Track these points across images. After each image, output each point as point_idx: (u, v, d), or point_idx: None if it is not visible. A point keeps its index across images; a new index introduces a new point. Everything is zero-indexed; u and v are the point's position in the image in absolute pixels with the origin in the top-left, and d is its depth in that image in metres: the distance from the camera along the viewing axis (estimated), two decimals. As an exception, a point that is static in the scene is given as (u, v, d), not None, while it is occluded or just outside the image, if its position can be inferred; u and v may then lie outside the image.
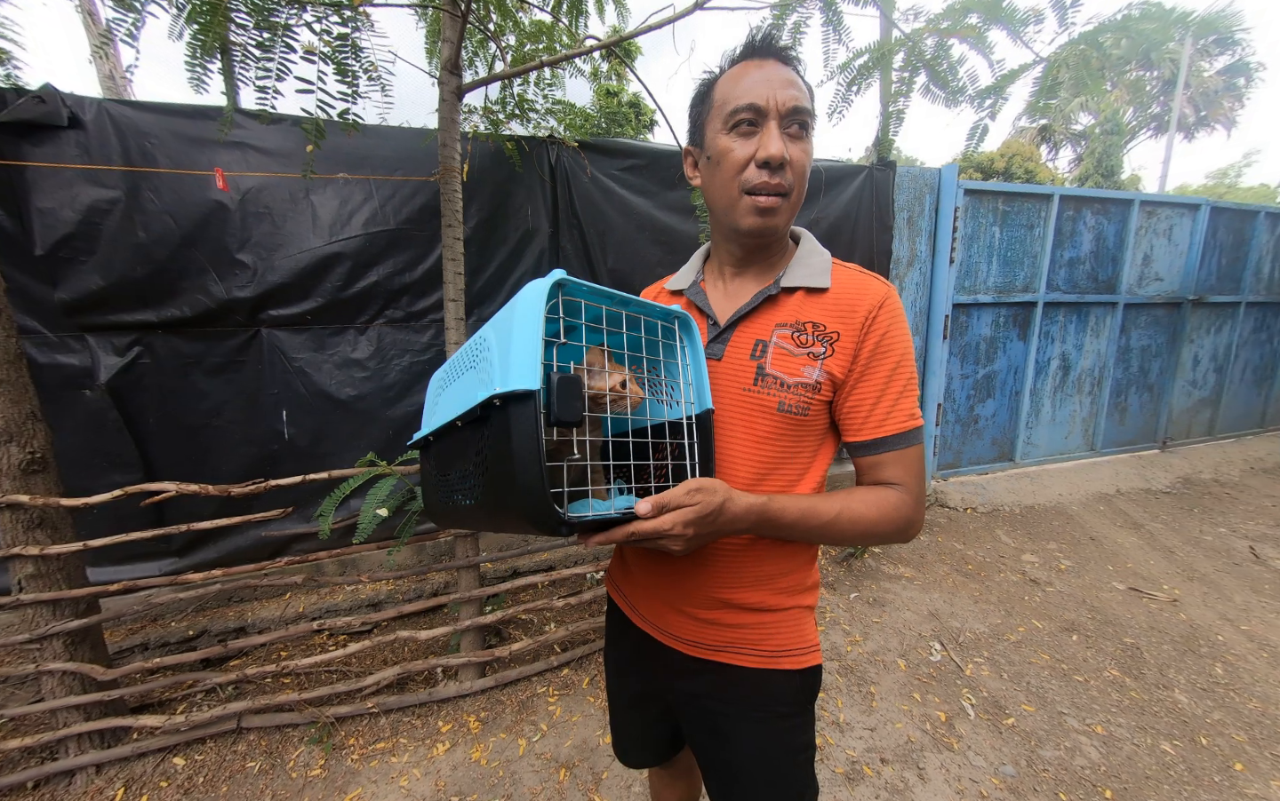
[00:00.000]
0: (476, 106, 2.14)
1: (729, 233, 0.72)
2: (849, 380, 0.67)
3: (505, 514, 0.57)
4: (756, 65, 0.65)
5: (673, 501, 0.55)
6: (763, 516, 0.62)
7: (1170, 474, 4.10)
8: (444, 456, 0.72)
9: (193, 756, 1.70)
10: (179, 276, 2.05)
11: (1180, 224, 4.00)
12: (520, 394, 0.51)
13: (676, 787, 1.06)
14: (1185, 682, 1.95)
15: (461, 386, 0.64)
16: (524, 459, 0.50)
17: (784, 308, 0.70)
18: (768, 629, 0.72)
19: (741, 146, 0.64)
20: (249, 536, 2.25)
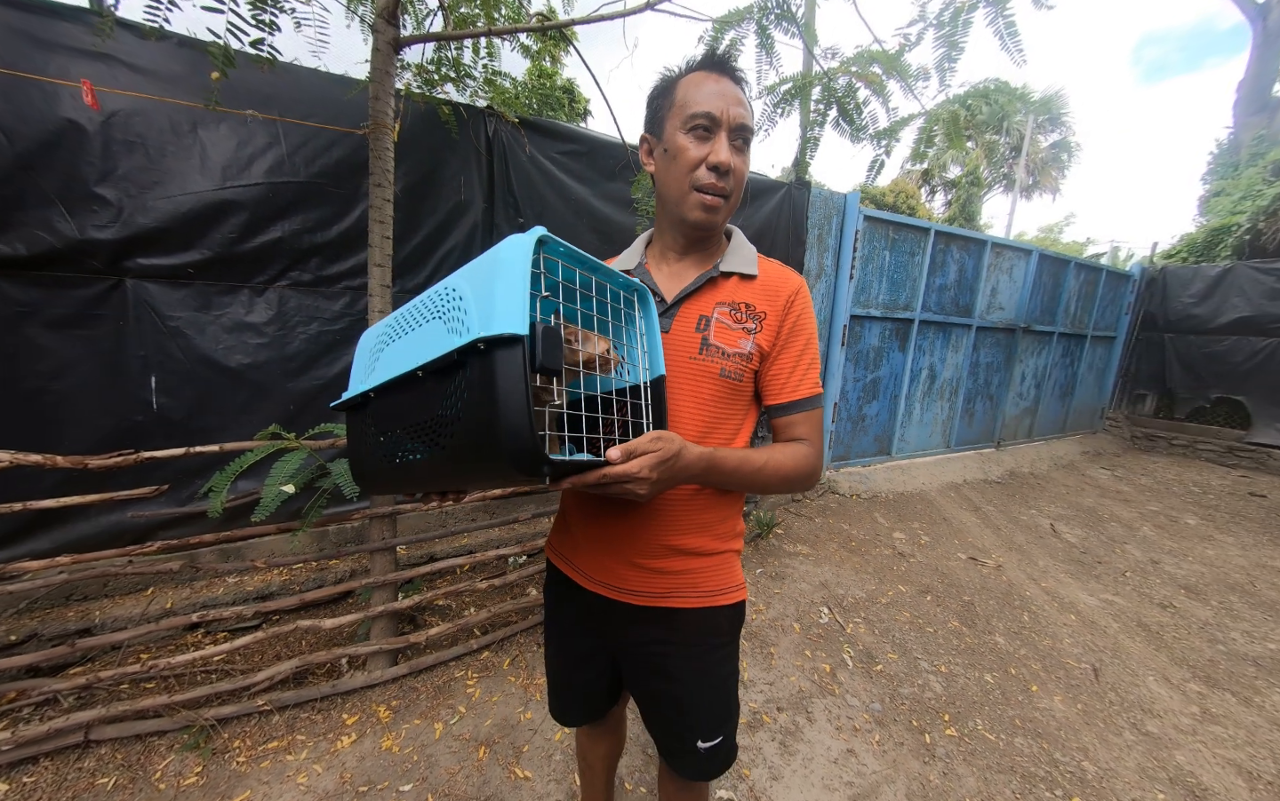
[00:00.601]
0: (410, 63, 2.02)
1: (676, 221, 0.82)
2: (772, 352, 0.81)
3: (479, 460, 0.57)
4: (715, 78, 0.75)
5: (639, 448, 0.62)
6: (710, 463, 0.71)
7: (1001, 468, 5.05)
8: (391, 412, 0.70)
9: (20, 779, 1.43)
10: (11, 206, 1.67)
11: (1018, 265, 4.94)
12: (507, 338, 0.52)
13: (604, 743, 1.14)
14: (1003, 628, 2.46)
15: (419, 338, 0.64)
16: (511, 402, 0.52)
17: (722, 289, 0.82)
18: (707, 572, 0.83)
19: (696, 148, 0.75)
20: (98, 522, 1.91)
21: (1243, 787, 1.63)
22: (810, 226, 3.62)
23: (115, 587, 1.94)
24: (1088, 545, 3.49)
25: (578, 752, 1.19)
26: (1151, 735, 1.83)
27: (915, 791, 1.56)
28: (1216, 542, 3.61)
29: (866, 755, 1.68)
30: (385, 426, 0.71)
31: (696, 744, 0.86)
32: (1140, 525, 3.89)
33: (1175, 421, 6.32)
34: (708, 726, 0.86)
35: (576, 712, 1.03)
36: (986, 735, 1.79)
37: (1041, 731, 1.82)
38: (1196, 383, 6.10)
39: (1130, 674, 2.16)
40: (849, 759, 1.67)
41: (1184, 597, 2.83)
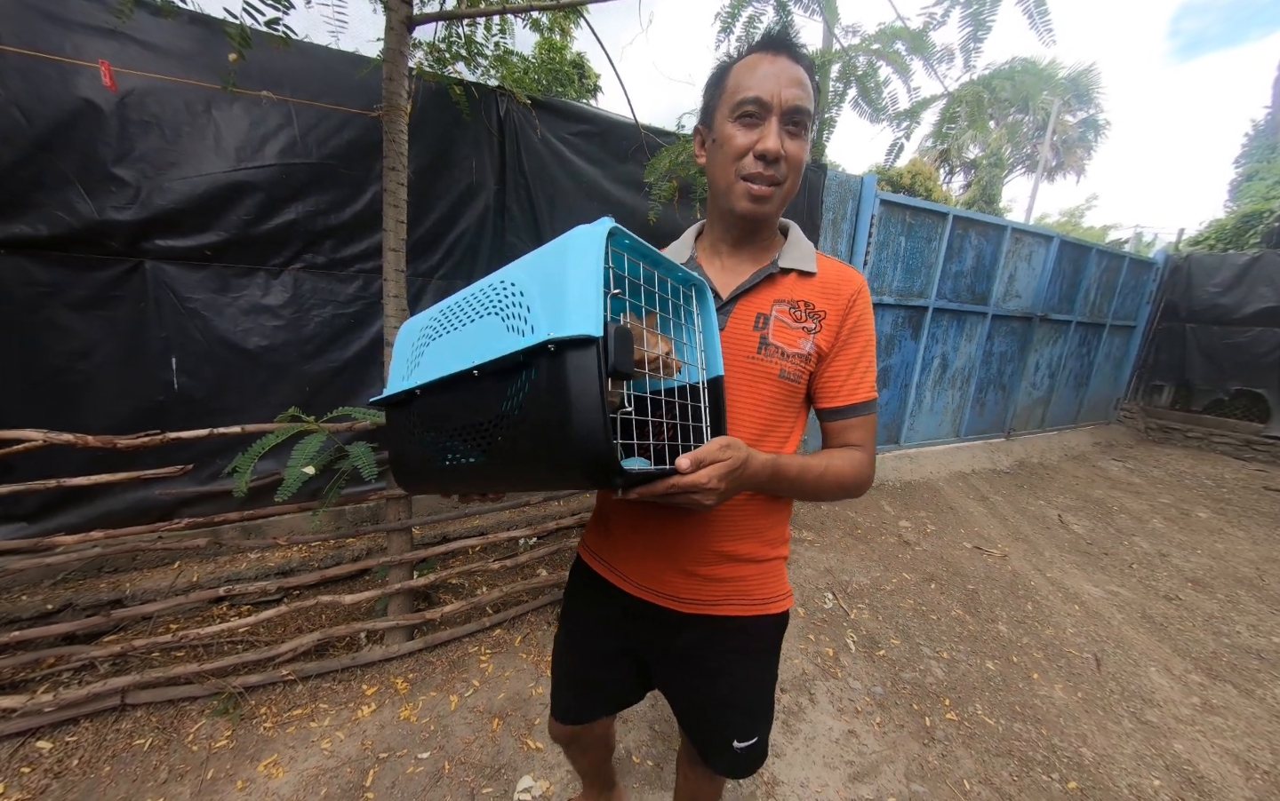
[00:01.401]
0: (421, 42, 1.99)
1: (725, 214, 0.79)
2: (830, 353, 0.78)
3: (543, 466, 0.54)
4: (770, 59, 0.70)
5: (707, 457, 0.59)
6: (774, 471, 0.69)
7: (1010, 458, 5.02)
8: (440, 411, 0.66)
9: (62, 739, 1.51)
10: (31, 186, 1.69)
11: (1038, 251, 4.82)
12: (580, 339, 0.49)
13: (593, 753, 1.14)
14: (1006, 617, 2.48)
15: (473, 334, 0.61)
16: (585, 406, 0.49)
17: (780, 286, 0.79)
18: (757, 580, 0.82)
19: (743, 136, 0.71)
20: (125, 499, 1.97)
21: (1239, 776, 1.66)
22: (825, 210, 3.55)
23: (144, 561, 2.02)
24: (1095, 537, 3.48)
25: (567, 756, 1.18)
26: (1150, 724, 1.86)
27: (914, 771, 1.61)
28: (1227, 536, 3.58)
29: (867, 736, 1.73)
30: (433, 425, 0.68)
31: (733, 743, 0.86)
32: (1150, 517, 3.87)
33: (1191, 413, 6.22)
34: (745, 727, 0.87)
35: (586, 710, 1.00)
36: (986, 720, 1.83)
37: (1041, 717, 1.85)
38: (1217, 374, 5.98)
39: (1132, 664, 2.18)
40: (850, 739, 1.71)
41: (1190, 590, 2.83)
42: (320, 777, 1.47)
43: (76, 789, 1.40)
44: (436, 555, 2.03)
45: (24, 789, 1.38)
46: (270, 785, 1.44)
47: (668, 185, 2.29)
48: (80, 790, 1.40)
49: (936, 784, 1.57)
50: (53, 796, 1.38)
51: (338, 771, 1.49)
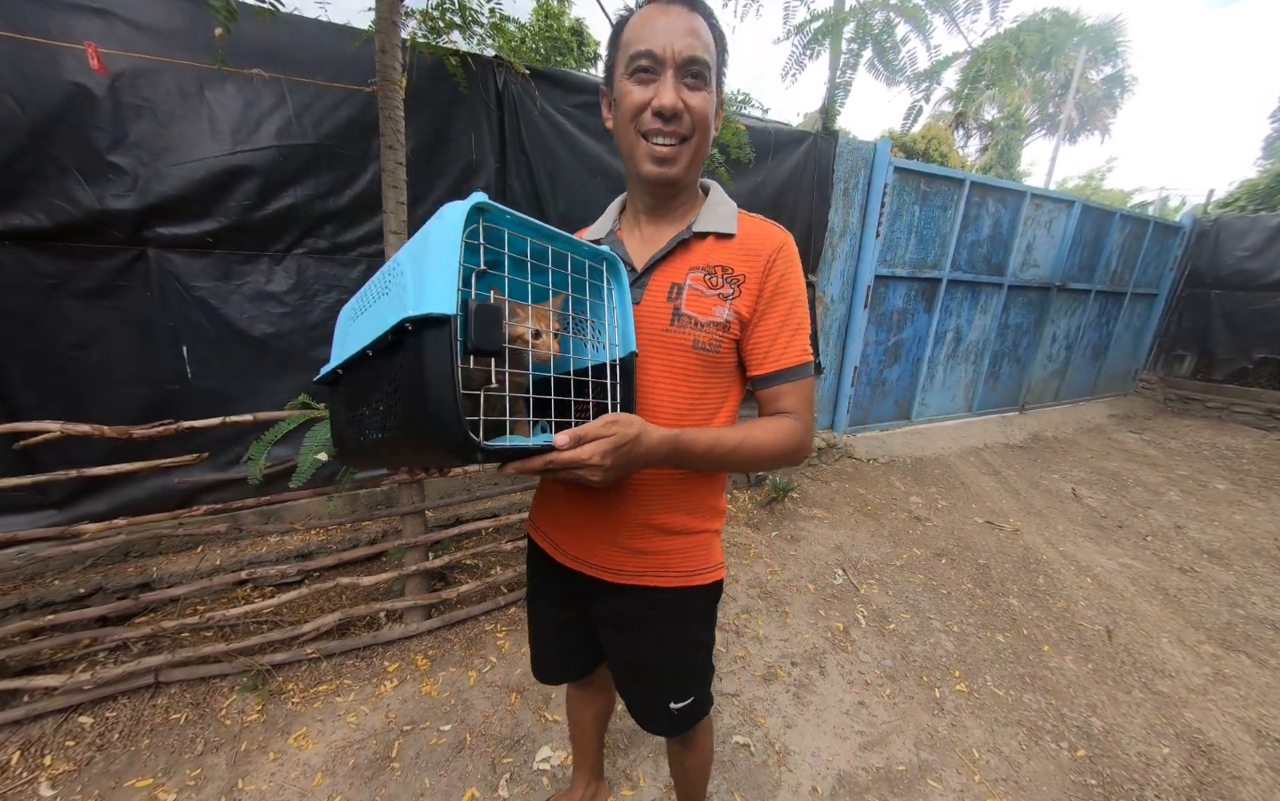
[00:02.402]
0: (414, 10, 1.91)
1: (634, 179, 0.76)
2: (753, 319, 0.74)
3: (419, 444, 0.56)
4: (662, 9, 0.66)
5: (590, 433, 0.58)
6: (675, 447, 0.66)
7: (1024, 432, 4.96)
8: (354, 390, 0.69)
9: (102, 714, 1.59)
10: (28, 176, 1.67)
11: (1059, 217, 4.65)
12: (434, 318, 0.50)
13: (595, 704, 1.18)
14: (1018, 590, 2.48)
15: (374, 314, 0.61)
16: (437, 384, 0.50)
17: (696, 252, 0.75)
18: (686, 552, 0.81)
19: (639, 92, 0.67)
20: (147, 487, 2.01)
21: (1249, 744, 1.67)
22: (836, 180, 3.43)
23: (168, 546, 2.08)
24: (1109, 510, 3.45)
25: (569, 714, 1.23)
26: (1161, 694, 1.86)
27: (924, 741, 1.63)
28: (1246, 507, 3.53)
29: (877, 707, 1.76)
30: (351, 404, 0.70)
31: (669, 705, 0.88)
32: (1167, 490, 3.82)
33: (1213, 383, 6.06)
34: (679, 690, 0.88)
35: (554, 673, 1.06)
36: (995, 691, 1.84)
37: (1050, 689, 1.86)
38: (1241, 342, 5.79)
39: (1144, 636, 2.18)
40: (860, 710, 1.74)
41: (1206, 562, 2.81)
42: (348, 748, 1.53)
43: (119, 760, 1.47)
44: (450, 537, 2.06)
45: (70, 760, 1.45)
46: (301, 756, 1.51)
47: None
48: (123, 761, 1.47)
49: (945, 752, 1.60)
50: (97, 767, 1.45)
51: (364, 742, 1.55)
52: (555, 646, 1.00)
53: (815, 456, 3.86)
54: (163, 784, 1.42)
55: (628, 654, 0.89)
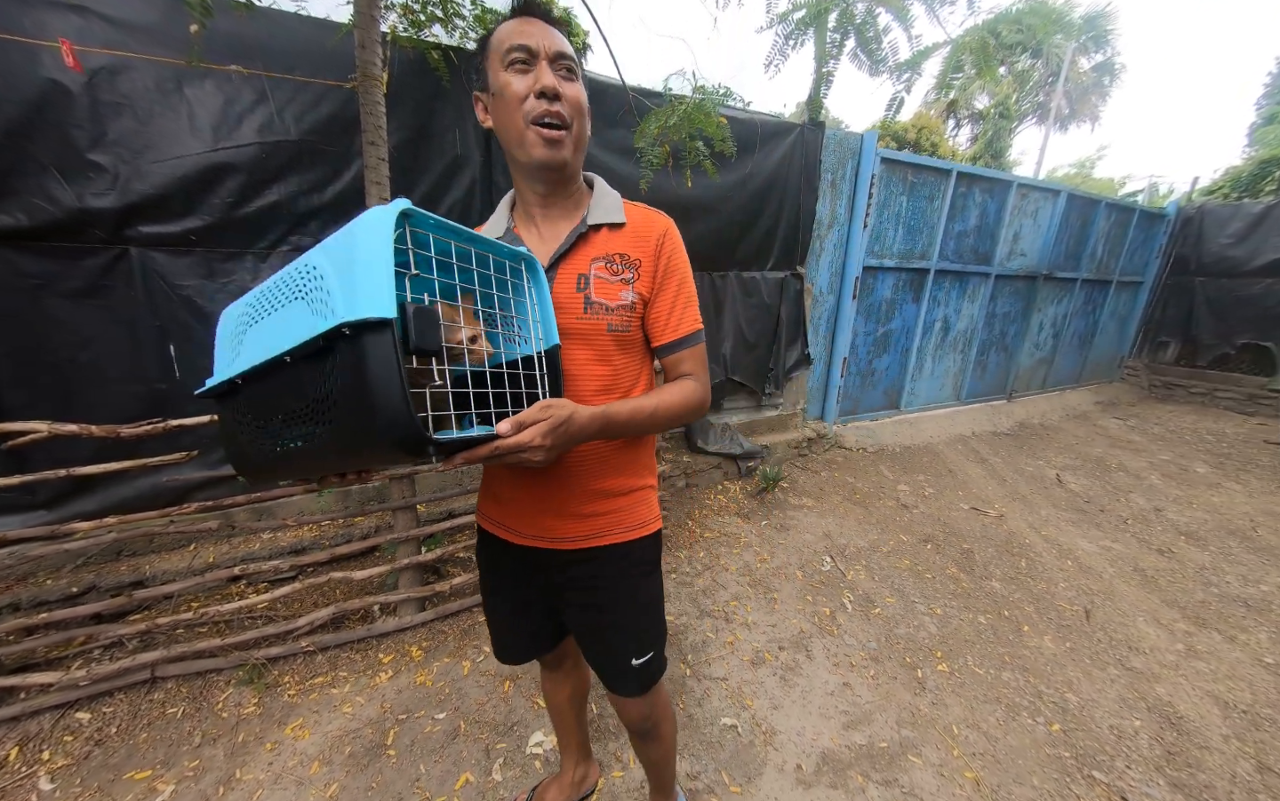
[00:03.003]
0: (394, 3, 1.90)
1: (526, 170, 0.80)
2: (651, 297, 0.84)
3: (361, 446, 0.56)
4: (526, 22, 0.74)
5: (529, 418, 0.64)
6: (604, 421, 0.74)
7: (1011, 420, 5.03)
8: (263, 399, 0.65)
9: (100, 709, 1.61)
10: (8, 174, 1.66)
11: (1045, 206, 4.69)
12: (374, 322, 0.51)
13: (568, 684, 1.22)
14: (1000, 574, 2.54)
15: (283, 319, 0.61)
16: (385, 388, 0.51)
17: (594, 243, 0.82)
18: (627, 510, 0.91)
19: (519, 80, 0.72)
20: (137, 486, 2.02)
21: (1217, 716, 1.73)
22: (823, 171, 3.44)
23: (160, 544, 2.09)
24: (1092, 494, 3.53)
25: (546, 700, 1.26)
26: (1135, 670, 1.93)
27: (905, 719, 1.69)
28: (1224, 490, 3.62)
29: (861, 688, 1.81)
30: (262, 414, 0.66)
31: (631, 662, 0.95)
32: (1148, 474, 3.90)
33: (1196, 368, 6.16)
34: (639, 645, 0.95)
35: (519, 652, 1.09)
36: (975, 670, 1.90)
37: (1029, 667, 1.93)
38: (1224, 328, 5.89)
39: (1121, 615, 2.25)
40: (844, 691, 1.79)
41: (1183, 544, 2.88)
42: (344, 738, 1.56)
43: (117, 753, 1.49)
44: (443, 530, 2.09)
45: (68, 755, 1.48)
46: (297, 746, 1.54)
47: (659, 150, 2.23)
48: (121, 754, 1.49)
49: (926, 729, 1.65)
50: (95, 761, 1.47)
51: (360, 731, 1.58)
52: (521, 624, 1.04)
53: (806, 446, 3.91)
54: (161, 775, 1.45)
55: (588, 617, 0.95)
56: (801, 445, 3.87)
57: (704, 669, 1.87)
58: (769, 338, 3.57)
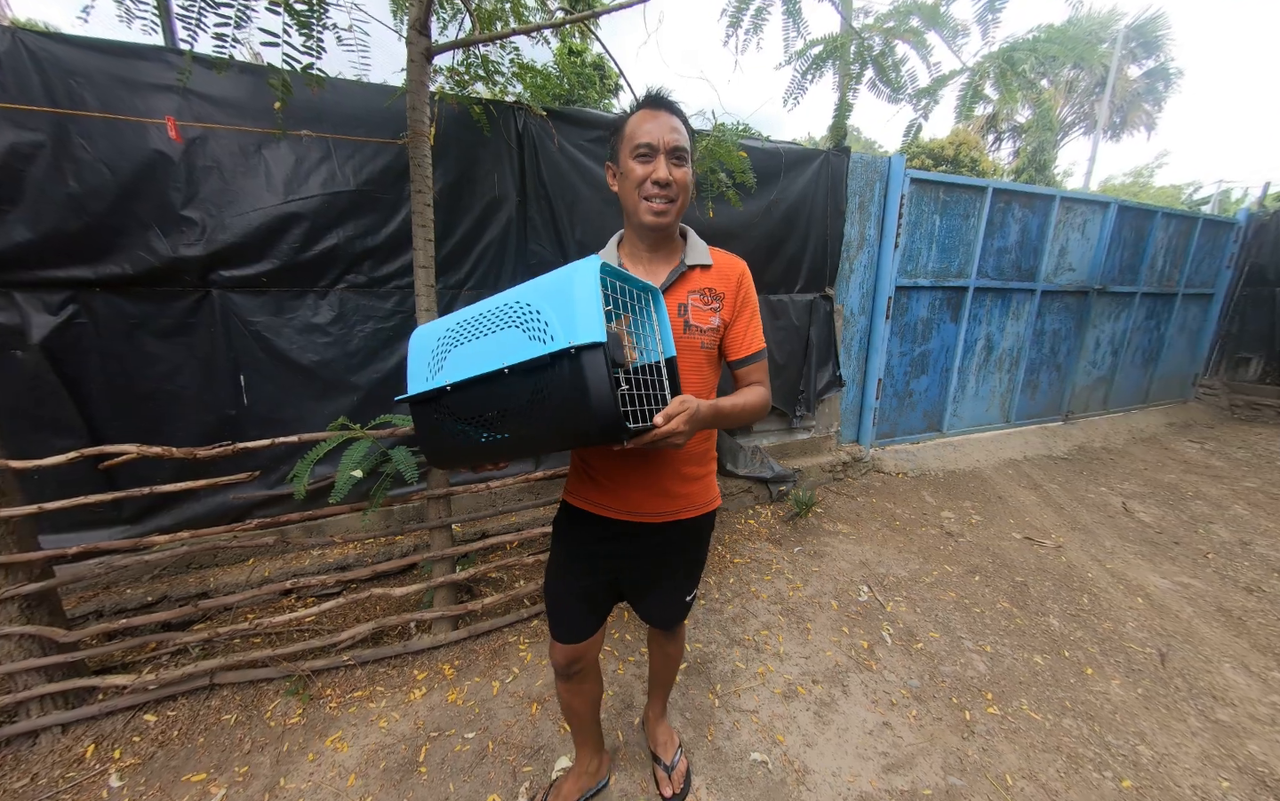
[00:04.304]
0: (442, 67, 2.10)
1: (637, 227, 1.05)
2: (730, 321, 1.08)
3: (563, 434, 0.77)
4: (652, 114, 0.97)
5: (673, 411, 0.83)
6: (715, 411, 0.96)
7: (1069, 443, 4.69)
8: (473, 402, 0.85)
9: (164, 712, 1.73)
10: (118, 232, 1.93)
11: (1093, 220, 4.47)
12: (591, 345, 0.71)
13: (585, 693, 1.32)
14: (1059, 610, 2.35)
15: (497, 343, 0.81)
16: (601, 390, 0.70)
17: (690, 279, 1.07)
18: (700, 489, 1.15)
19: (641, 169, 0.97)
20: (207, 503, 2.21)
21: (1328, 783, 1.52)
22: (850, 194, 3.45)
23: (223, 558, 2.27)
24: (1165, 525, 3.22)
25: (563, 708, 1.36)
26: (1221, 723, 1.73)
27: (952, 765, 1.57)
28: (1326, 522, 3.22)
29: (902, 728, 1.70)
30: (467, 414, 0.86)
31: (684, 599, 1.25)
32: (1231, 503, 3.53)
33: (1285, 386, 5.57)
34: (691, 584, 1.25)
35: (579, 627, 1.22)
36: (1032, 715, 1.76)
37: (1094, 714, 1.76)
38: (1314, 341, 5.32)
39: (1203, 660, 2.02)
40: (884, 731, 1.70)
41: (1276, 581, 2.58)
42: (379, 752, 1.61)
43: (178, 755, 1.60)
44: (476, 550, 2.16)
45: (135, 755, 1.60)
46: (336, 758, 1.60)
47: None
48: (181, 756, 1.60)
49: (976, 778, 1.53)
50: (158, 762, 1.58)
51: (394, 747, 1.63)
52: (584, 595, 1.21)
53: (841, 470, 3.79)
54: (214, 778, 1.54)
55: (657, 572, 1.19)
56: (836, 469, 3.76)
57: (733, 700, 1.82)
58: (799, 359, 3.54)
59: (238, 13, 1.31)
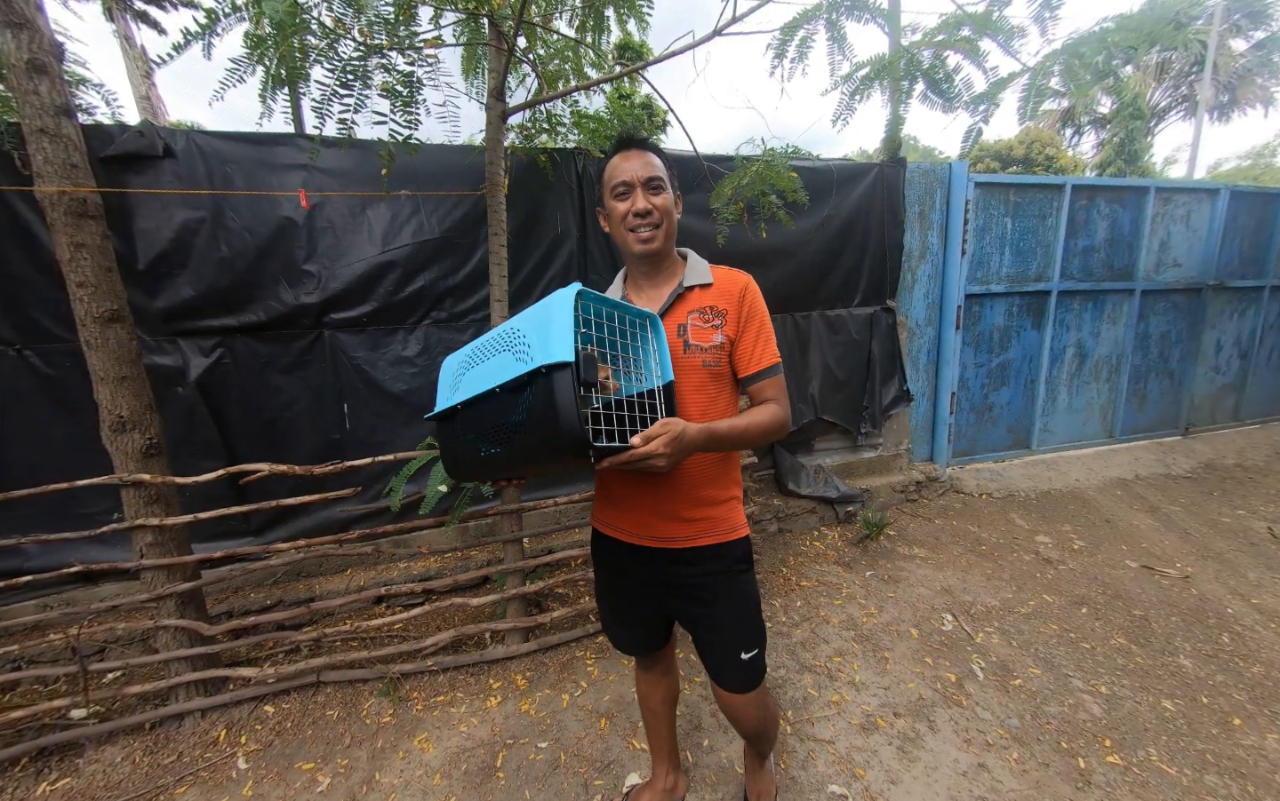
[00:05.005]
0: (512, 125, 2.35)
1: (630, 257, 1.09)
2: (736, 337, 1.05)
3: (543, 449, 0.78)
4: (624, 155, 1.03)
5: (653, 434, 0.84)
6: (709, 433, 0.93)
7: (1192, 459, 4.10)
8: (475, 419, 0.92)
9: (280, 705, 1.95)
10: (255, 285, 2.31)
11: (1199, 210, 4.00)
12: (561, 364, 0.74)
13: (661, 686, 1.35)
14: (1191, 650, 2.04)
15: (494, 365, 0.87)
16: (567, 407, 0.72)
17: (689, 300, 1.07)
18: (719, 517, 1.09)
19: (621, 205, 1.03)
20: (315, 517, 2.50)
21: None
22: (909, 204, 3.35)
23: (327, 567, 2.54)
24: (1330, 553, 2.71)
25: (640, 701, 1.40)
26: None
27: (1066, 817, 1.40)
28: None
29: (1002, 772, 1.55)
30: (473, 430, 0.93)
31: (740, 654, 1.10)
32: None
33: None
34: (745, 639, 1.11)
35: (633, 643, 1.27)
36: (1164, 767, 1.53)
37: (1246, 772, 1.50)
38: None
39: (1399, 717, 1.67)
40: (980, 773, 1.55)
41: None
42: (460, 755, 1.71)
43: (291, 744, 1.79)
44: (544, 564, 2.26)
45: (258, 741, 1.80)
46: (423, 757, 1.71)
47: (734, 208, 2.39)
48: (293, 745, 1.79)
49: (1097, 833, 1.36)
50: (276, 749, 1.78)
51: (474, 751, 1.72)
52: (631, 615, 1.24)
53: (914, 490, 3.56)
54: (321, 768, 1.70)
55: (698, 610, 1.12)
56: (909, 489, 3.53)
57: (806, 729, 1.74)
58: (861, 375, 3.41)
59: (356, 100, 1.57)
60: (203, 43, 1.48)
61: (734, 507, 1.11)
